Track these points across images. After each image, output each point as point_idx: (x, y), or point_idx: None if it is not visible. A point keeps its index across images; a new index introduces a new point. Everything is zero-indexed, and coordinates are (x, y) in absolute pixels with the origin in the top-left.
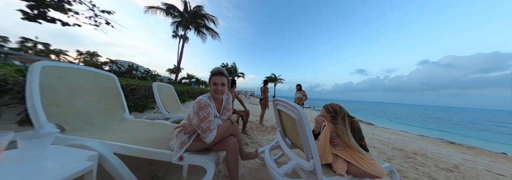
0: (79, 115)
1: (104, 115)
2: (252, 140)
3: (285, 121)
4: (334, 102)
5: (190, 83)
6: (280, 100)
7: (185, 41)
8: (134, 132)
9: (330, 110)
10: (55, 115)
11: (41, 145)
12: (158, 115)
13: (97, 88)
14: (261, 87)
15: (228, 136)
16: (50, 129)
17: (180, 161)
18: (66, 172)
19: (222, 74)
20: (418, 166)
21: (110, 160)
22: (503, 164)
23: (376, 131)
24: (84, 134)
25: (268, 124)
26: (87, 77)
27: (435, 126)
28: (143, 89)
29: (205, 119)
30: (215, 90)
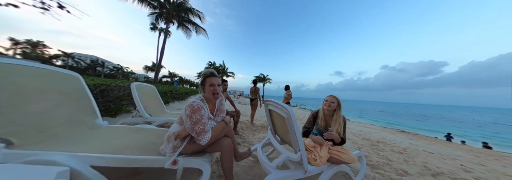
0: (32, 124)
1: (67, 123)
2: (244, 139)
3: (276, 119)
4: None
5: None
6: (271, 101)
7: (167, 35)
8: (112, 140)
9: (339, 99)
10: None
11: None
12: (138, 119)
13: (56, 90)
14: (251, 88)
15: (222, 137)
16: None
17: (173, 166)
18: None
19: (215, 75)
20: (379, 152)
21: (87, 174)
22: (434, 145)
23: (351, 125)
24: (43, 148)
25: (258, 123)
26: (40, 76)
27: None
28: (116, 89)
29: (198, 122)
30: (213, 91)
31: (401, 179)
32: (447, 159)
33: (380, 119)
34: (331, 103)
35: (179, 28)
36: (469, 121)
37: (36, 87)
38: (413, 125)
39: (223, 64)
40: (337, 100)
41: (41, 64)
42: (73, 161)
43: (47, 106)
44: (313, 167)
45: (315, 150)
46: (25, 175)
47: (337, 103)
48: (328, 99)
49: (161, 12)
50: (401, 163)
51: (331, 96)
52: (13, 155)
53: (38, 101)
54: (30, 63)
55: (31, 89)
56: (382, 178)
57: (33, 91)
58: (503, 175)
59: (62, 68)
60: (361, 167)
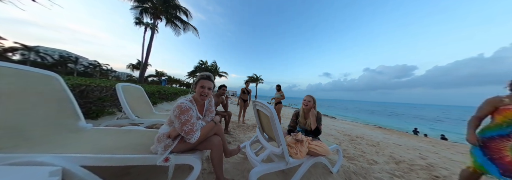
0: (5, 128)
1: (46, 126)
2: (235, 138)
3: (263, 118)
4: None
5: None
6: (258, 102)
7: (154, 32)
8: (101, 142)
9: (314, 98)
10: None
11: None
12: (124, 121)
13: (31, 91)
14: (243, 88)
15: (212, 136)
16: None
17: (165, 163)
18: None
19: (210, 79)
20: (356, 145)
21: (78, 173)
22: (403, 139)
23: (336, 123)
24: (25, 151)
25: (250, 123)
26: (11, 77)
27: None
28: (98, 90)
29: (187, 122)
30: (201, 92)
31: (370, 167)
32: (410, 149)
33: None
34: (308, 102)
35: (168, 25)
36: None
37: (10, 89)
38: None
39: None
40: (313, 99)
41: (11, 64)
42: (62, 161)
43: (21, 108)
44: (294, 160)
45: (296, 145)
46: (18, 175)
47: (313, 101)
48: (305, 99)
49: (147, 6)
50: (373, 154)
51: (308, 96)
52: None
53: (10, 103)
54: (8, 64)
55: (5, 90)
56: (355, 168)
57: (6, 93)
58: (449, 160)
59: (37, 68)
60: (338, 159)
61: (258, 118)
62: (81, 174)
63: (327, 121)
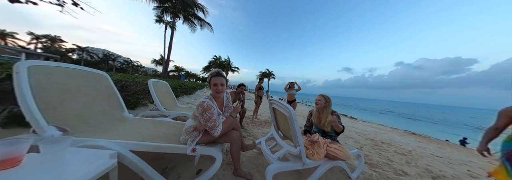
0: (78, 117)
1: (103, 116)
2: (248, 133)
3: (279, 117)
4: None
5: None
6: (275, 100)
7: (173, 30)
8: (140, 131)
9: (326, 97)
10: (54, 118)
11: (63, 148)
12: (155, 112)
13: (91, 88)
14: (257, 85)
15: (231, 130)
16: (52, 132)
17: (193, 152)
18: (96, 170)
19: (221, 75)
20: (381, 152)
21: (129, 157)
22: (444, 149)
23: (357, 124)
24: (90, 136)
25: (262, 118)
26: (77, 76)
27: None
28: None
29: (210, 119)
30: (216, 90)
31: (398, 179)
32: (455, 164)
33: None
34: (318, 101)
35: (185, 23)
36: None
37: (76, 86)
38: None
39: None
40: (324, 98)
41: (76, 65)
42: (116, 146)
43: (86, 101)
44: (310, 161)
45: (313, 147)
46: (89, 155)
47: (325, 100)
48: (317, 98)
49: (167, 6)
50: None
51: (319, 95)
52: (75, 140)
53: (79, 98)
54: (67, 65)
55: (73, 87)
56: (379, 176)
57: (75, 90)
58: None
59: (93, 69)
60: (358, 164)
61: (273, 116)
62: (131, 158)
63: (346, 122)
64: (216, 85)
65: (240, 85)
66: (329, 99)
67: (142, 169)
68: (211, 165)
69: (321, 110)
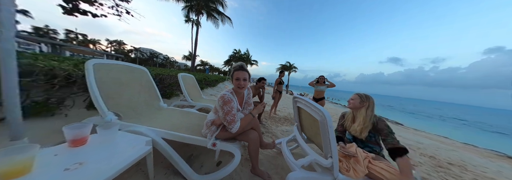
0: (128, 105)
1: (145, 105)
2: (267, 129)
3: (305, 118)
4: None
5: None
6: (302, 99)
7: (198, 26)
8: (171, 120)
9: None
10: (112, 106)
11: (113, 132)
12: (185, 102)
13: (136, 82)
14: (278, 79)
15: (250, 130)
16: (111, 117)
17: (213, 147)
18: (137, 153)
19: (244, 69)
20: (450, 178)
21: (161, 144)
22: None
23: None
24: (135, 122)
25: (281, 114)
26: (126, 72)
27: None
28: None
29: (229, 113)
30: (238, 85)
31: None
32: None
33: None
34: (351, 99)
35: (208, 19)
36: None
37: (126, 80)
38: None
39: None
40: (359, 97)
41: (124, 62)
42: (152, 133)
43: (133, 93)
44: (344, 176)
45: (348, 160)
46: (132, 139)
47: (360, 100)
48: (351, 98)
49: (192, 4)
50: None
51: (355, 94)
52: (122, 125)
53: (129, 90)
54: (118, 62)
55: (125, 81)
56: None
57: (126, 83)
58: None
59: (136, 65)
60: None
61: (297, 116)
62: (162, 144)
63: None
64: (238, 80)
65: (260, 79)
66: (368, 98)
67: (171, 155)
68: (230, 159)
69: (356, 112)
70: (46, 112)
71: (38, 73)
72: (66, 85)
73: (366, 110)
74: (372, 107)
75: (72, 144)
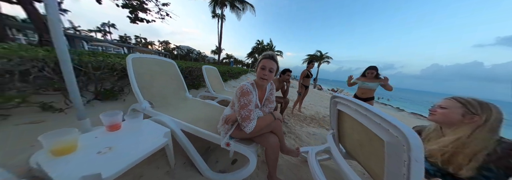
0: (159, 95)
1: (173, 95)
2: (289, 129)
3: (350, 128)
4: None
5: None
6: (348, 101)
7: (222, 20)
8: (193, 111)
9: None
10: (146, 95)
11: (138, 120)
12: (208, 93)
13: (165, 73)
14: (305, 71)
15: (269, 134)
16: (146, 105)
17: (227, 147)
18: (157, 143)
19: (273, 60)
20: None
21: (179, 135)
22: None
23: None
24: (164, 110)
25: (307, 113)
26: (158, 64)
27: None
28: (196, 70)
29: (245, 107)
30: (262, 75)
31: None
32: None
33: None
34: (439, 108)
35: (231, 10)
36: None
37: (158, 72)
38: None
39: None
40: (462, 105)
41: (155, 56)
42: (173, 124)
43: (163, 84)
44: None
45: None
46: (155, 129)
47: (465, 109)
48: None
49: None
50: None
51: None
52: (152, 112)
53: (159, 81)
54: (150, 56)
55: (156, 73)
56: None
57: (157, 74)
58: None
59: (166, 58)
60: None
61: (336, 123)
62: (181, 136)
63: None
64: (264, 69)
65: (285, 71)
66: (487, 109)
67: (187, 148)
68: (246, 160)
69: (449, 129)
70: (112, 97)
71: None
72: (123, 77)
73: (480, 129)
74: (495, 126)
75: (109, 128)
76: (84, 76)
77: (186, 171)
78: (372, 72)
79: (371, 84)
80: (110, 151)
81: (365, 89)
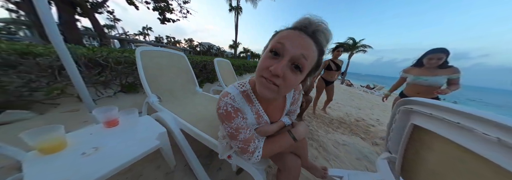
0: (166, 89)
1: (182, 89)
2: (311, 134)
3: (430, 155)
4: None
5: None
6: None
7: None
8: (198, 107)
9: None
10: (154, 88)
11: (134, 117)
12: (220, 88)
13: (175, 66)
14: (327, 61)
15: (288, 154)
16: (154, 99)
17: (228, 159)
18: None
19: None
20: None
21: (177, 136)
22: None
23: None
24: (169, 105)
25: (334, 114)
26: (166, 57)
27: None
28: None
29: (235, 137)
30: (267, 73)
31: None
32: None
33: None
34: None
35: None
36: None
37: (166, 65)
38: None
39: None
40: None
41: (165, 48)
42: (173, 123)
43: (171, 77)
44: None
45: None
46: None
47: None
48: None
49: None
50: None
51: None
52: (158, 107)
53: (168, 74)
54: (159, 48)
55: (164, 66)
56: None
57: (165, 67)
58: None
59: (176, 50)
60: None
61: (405, 144)
62: (179, 136)
63: None
64: (274, 58)
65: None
66: None
67: (185, 150)
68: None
69: None
70: (134, 90)
71: (125, 62)
72: None
73: None
74: None
75: (106, 125)
76: (112, 71)
77: (186, 176)
78: (439, 58)
79: (435, 79)
80: (96, 153)
81: (422, 86)
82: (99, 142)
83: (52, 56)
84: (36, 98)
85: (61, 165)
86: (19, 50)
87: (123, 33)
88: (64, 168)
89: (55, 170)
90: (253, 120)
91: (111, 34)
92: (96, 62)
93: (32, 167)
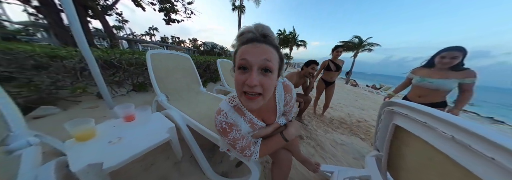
0: (173, 88)
1: (187, 89)
2: (309, 133)
3: (416, 155)
4: None
5: None
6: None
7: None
8: (202, 106)
9: None
10: (163, 88)
11: (147, 113)
12: (223, 88)
13: (180, 67)
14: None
15: (281, 149)
16: (163, 98)
17: (228, 152)
18: (161, 137)
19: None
20: None
21: (184, 131)
22: None
23: None
24: (176, 104)
25: (335, 114)
26: (173, 59)
27: None
28: (214, 64)
29: (233, 147)
30: (244, 86)
31: None
32: None
33: None
34: None
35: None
36: None
37: (173, 66)
38: None
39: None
40: None
41: (172, 51)
42: (180, 119)
43: (178, 77)
44: None
45: None
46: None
47: None
48: None
49: None
50: None
51: None
52: (166, 105)
53: (174, 75)
54: (167, 51)
55: (171, 67)
56: None
57: (172, 69)
58: None
59: (181, 53)
60: None
61: (388, 142)
62: (186, 133)
63: None
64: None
65: (309, 63)
66: None
67: (191, 144)
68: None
69: None
70: (144, 89)
71: (136, 63)
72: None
73: None
74: None
75: (125, 119)
76: (125, 72)
77: (191, 166)
78: (453, 56)
79: (442, 82)
80: (119, 142)
81: (426, 90)
82: (120, 133)
83: (75, 59)
84: (61, 95)
85: (93, 150)
86: (49, 53)
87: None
88: (96, 153)
89: (89, 154)
90: (248, 128)
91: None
92: (111, 63)
93: (72, 151)
